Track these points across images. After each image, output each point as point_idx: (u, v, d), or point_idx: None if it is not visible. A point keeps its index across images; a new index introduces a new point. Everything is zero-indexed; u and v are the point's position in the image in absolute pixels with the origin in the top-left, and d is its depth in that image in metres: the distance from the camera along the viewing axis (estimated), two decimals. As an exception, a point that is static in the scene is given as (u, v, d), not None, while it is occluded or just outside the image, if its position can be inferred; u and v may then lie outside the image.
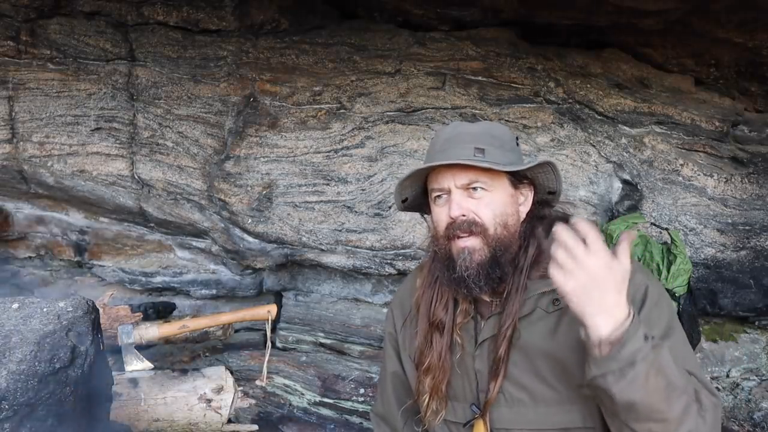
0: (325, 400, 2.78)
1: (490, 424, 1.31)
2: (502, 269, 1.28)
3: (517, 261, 1.30)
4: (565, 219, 1.39)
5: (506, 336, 1.27)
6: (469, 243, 1.28)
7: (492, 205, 1.29)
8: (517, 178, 1.34)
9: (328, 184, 2.71)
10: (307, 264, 2.85)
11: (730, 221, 2.56)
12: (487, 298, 1.36)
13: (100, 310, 1.86)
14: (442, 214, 1.33)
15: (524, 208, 1.36)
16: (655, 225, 2.56)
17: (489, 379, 1.30)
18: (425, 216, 1.52)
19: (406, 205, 1.46)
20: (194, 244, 3.01)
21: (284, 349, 2.99)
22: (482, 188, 1.28)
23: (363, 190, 2.69)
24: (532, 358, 1.27)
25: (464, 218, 1.27)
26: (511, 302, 1.28)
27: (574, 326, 1.25)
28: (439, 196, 1.34)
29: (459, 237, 1.29)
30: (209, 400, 2.45)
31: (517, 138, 1.42)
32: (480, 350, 1.34)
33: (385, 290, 2.94)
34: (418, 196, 1.44)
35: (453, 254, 1.30)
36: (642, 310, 1.21)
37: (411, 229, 2.66)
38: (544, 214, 1.39)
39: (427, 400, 1.37)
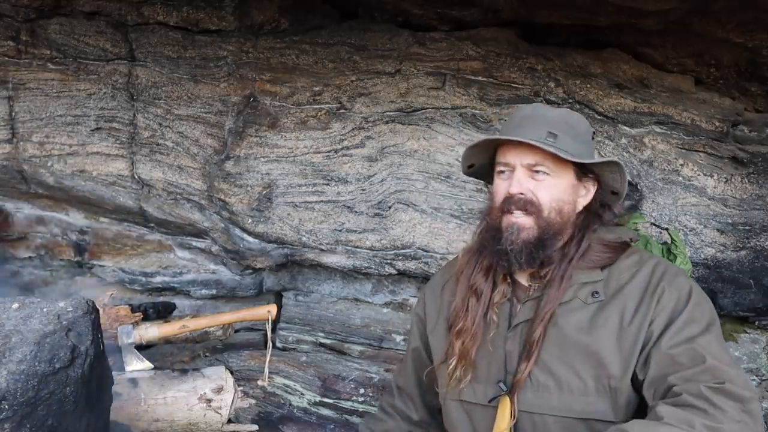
0: (325, 400, 2.77)
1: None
2: (546, 253, 1.31)
3: (566, 250, 1.33)
4: (616, 224, 1.42)
5: (544, 319, 1.29)
6: (520, 220, 1.32)
7: (551, 189, 1.32)
8: (583, 171, 1.37)
9: (328, 184, 2.71)
10: (307, 264, 2.85)
11: (730, 221, 2.55)
12: (525, 282, 1.39)
13: (100, 310, 1.86)
14: (501, 187, 1.37)
15: (583, 201, 1.39)
16: (655, 225, 2.56)
17: (520, 361, 1.32)
18: (488, 186, 1.54)
19: (472, 171, 1.50)
20: (194, 244, 3.01)
21: (284, 349, 2.98)
22: (545, 172, 1.32)
23: (363, 190, 2.69)
24: (563, 346, 1.29)
25: (522, 196, 1.31)
26: (554, 288, 1.31)
27: (609, 321, 1.28)
28: (503, 171, 1.37)
29: (512, 212, 1.32)
30: (209, 400, 2.45)
31: (594, 132, 1.44)
32: (513, 332, 1.36)
33: (385, 290, 2.94)
34: (484, 165, 1.47)
35: (502, 227, 1.34)
36: (686, 307, 1.24)
37: (411, 229, 2.66)
38: (602, 214, 1.41)
39: (454, 363, 1.39)
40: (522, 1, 2.33)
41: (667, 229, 2.49)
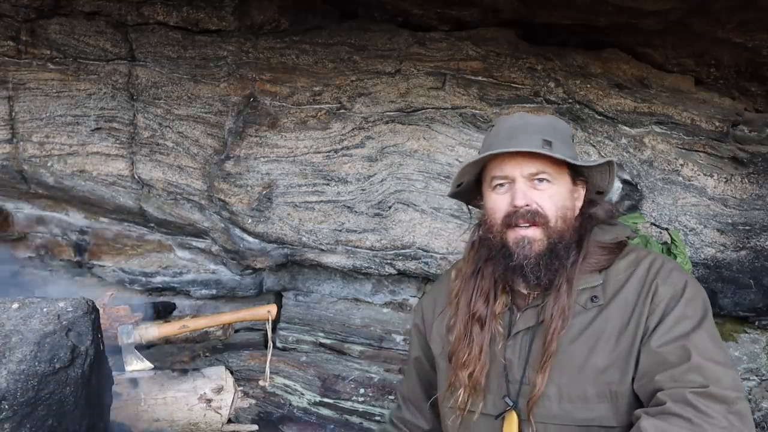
0: (325, 400, 2.78)
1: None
2: (561, 261, 1.29)
3: (568, 255, 1.30)
4: (611, 223, 1.40)
5: (556, 329, 1.26)
6: (530, 233, 1.28)
7: (555, 198, 1.30)
8: (576, 174, 1.35)
9: (328, 184, 2.71)
10: (307, 264, 2.85)
11: (730, 221, 2.56)
12: (524, 290, 1.36)
13: (100, 310, 1.86)
14: (502, 202, 1.32)
15: (578, 204, 1.37)
16: (655, 225, 2.56)
17: (535, 373, 1.28)
18: (470, 206, 1.52)
19: (458, 191, 1.45)
20: (194, 244, 3.01)
21: (284, 349, 2.98)
22: (547, 180, 1.29)
23: (363, 190, 2.69)
24: (563, 353, 1.27)
25: (528, 208, 1.28)
26: (562, 296, 1.28)
27: (609, 325, 1.26)
28: (501, 185, 1.32)
29: (518, 226, 1.28)
30: (209, 400, 2.45)
31: (573, 135, 1.44)
32: (513, 341, 1.33)
33: (385, 290, 2.94)
34: (470, 183, 1.43)
35: (509, 243, 1.30)
36: (679, 303, 1.23)
37: (411, 229, 2.66)
38: (592, 213, 1.40)
39: (462, 394, 1.35)
40: (522, 1, 2.33)
41: (667, 229, 2.49)
